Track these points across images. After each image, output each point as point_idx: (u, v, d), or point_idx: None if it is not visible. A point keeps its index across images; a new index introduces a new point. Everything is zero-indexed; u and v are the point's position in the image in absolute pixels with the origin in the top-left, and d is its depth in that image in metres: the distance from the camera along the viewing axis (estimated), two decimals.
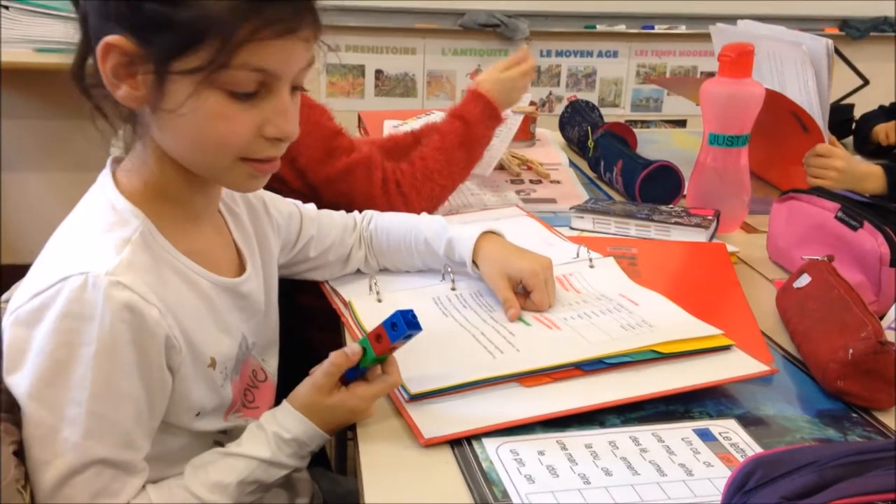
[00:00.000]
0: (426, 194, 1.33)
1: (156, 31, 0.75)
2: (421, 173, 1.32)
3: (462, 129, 1.36)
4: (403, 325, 0.82)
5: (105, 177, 0.85)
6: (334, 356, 0.86)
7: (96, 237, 0.79)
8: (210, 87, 0.77)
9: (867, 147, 1.99)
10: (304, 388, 0.86)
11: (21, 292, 0.78)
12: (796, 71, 1.59)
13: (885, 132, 1.98)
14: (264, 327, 0.99)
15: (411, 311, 0.83)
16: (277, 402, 0.89)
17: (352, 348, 0.86)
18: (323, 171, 1.27)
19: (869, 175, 1.58)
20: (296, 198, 1.14)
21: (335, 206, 1.21)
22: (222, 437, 0.90)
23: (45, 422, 0.74)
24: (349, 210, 1.22)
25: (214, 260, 0.89)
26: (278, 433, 0.84)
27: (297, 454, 0.86)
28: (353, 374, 0.86)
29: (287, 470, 0.86)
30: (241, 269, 0.94)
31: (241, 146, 0.81)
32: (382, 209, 1.24)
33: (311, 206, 1.16)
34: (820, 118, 1.56)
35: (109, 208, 0.82)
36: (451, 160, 1.35)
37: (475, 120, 1.37)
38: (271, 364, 1.01)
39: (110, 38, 0.75)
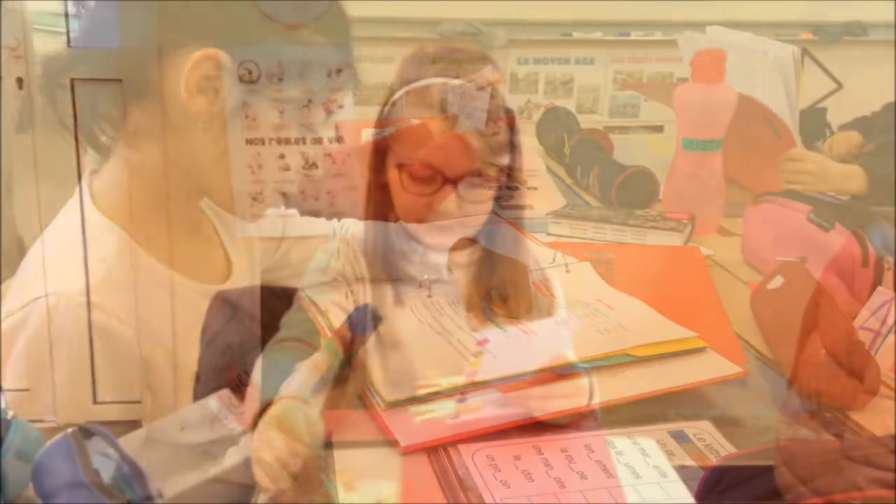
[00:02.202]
0: None
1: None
2: None
3: None
4: (365, 318, 0.82)
5: (81, 191, 0.84)
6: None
7: (70, 255, 0.78)
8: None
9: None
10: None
11: None
12: (764, 79, 1.60)
13: (830, 144, 2.00)
14: (248, 332, 0.98)
15: (371, 304, 0.83)
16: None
17: (318, 357, 0.84)
18: None
19: (850, 175, 1.59)
20: None
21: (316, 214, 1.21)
22: (211, 447, 0.89)
23: None
24: (329, 218, 1.22)
25: (199, 266, 0.89)
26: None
27: None
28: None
29: None
30: (227, 272, 0.94)
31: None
32: None
33: (293, 212, 1.15)
34: (791, 123, 1.58)
35: (85, 224, 0.80)
36: None
37: None
38: (255, 369, 1.00)
39: (214, 51, 0.75)
